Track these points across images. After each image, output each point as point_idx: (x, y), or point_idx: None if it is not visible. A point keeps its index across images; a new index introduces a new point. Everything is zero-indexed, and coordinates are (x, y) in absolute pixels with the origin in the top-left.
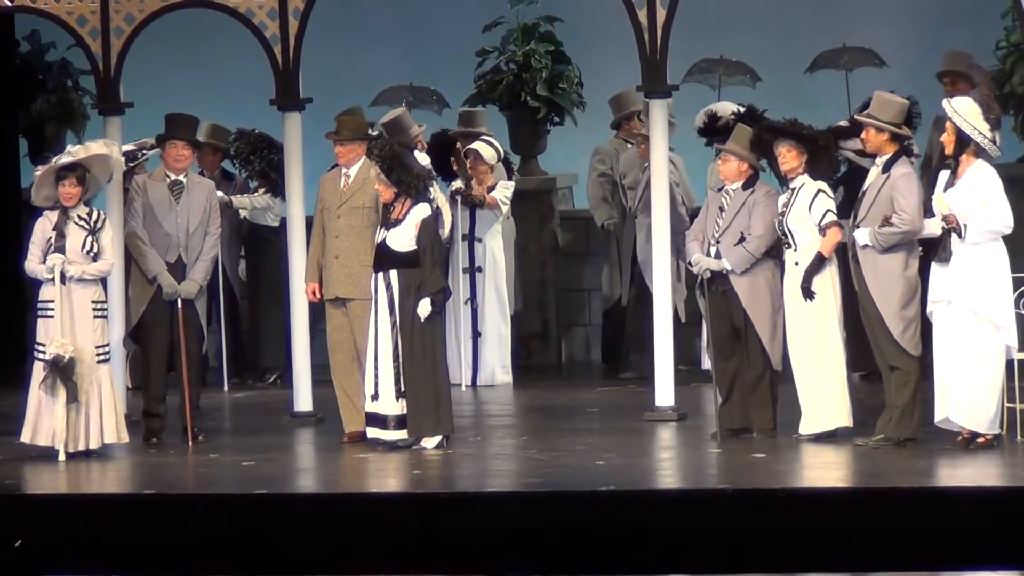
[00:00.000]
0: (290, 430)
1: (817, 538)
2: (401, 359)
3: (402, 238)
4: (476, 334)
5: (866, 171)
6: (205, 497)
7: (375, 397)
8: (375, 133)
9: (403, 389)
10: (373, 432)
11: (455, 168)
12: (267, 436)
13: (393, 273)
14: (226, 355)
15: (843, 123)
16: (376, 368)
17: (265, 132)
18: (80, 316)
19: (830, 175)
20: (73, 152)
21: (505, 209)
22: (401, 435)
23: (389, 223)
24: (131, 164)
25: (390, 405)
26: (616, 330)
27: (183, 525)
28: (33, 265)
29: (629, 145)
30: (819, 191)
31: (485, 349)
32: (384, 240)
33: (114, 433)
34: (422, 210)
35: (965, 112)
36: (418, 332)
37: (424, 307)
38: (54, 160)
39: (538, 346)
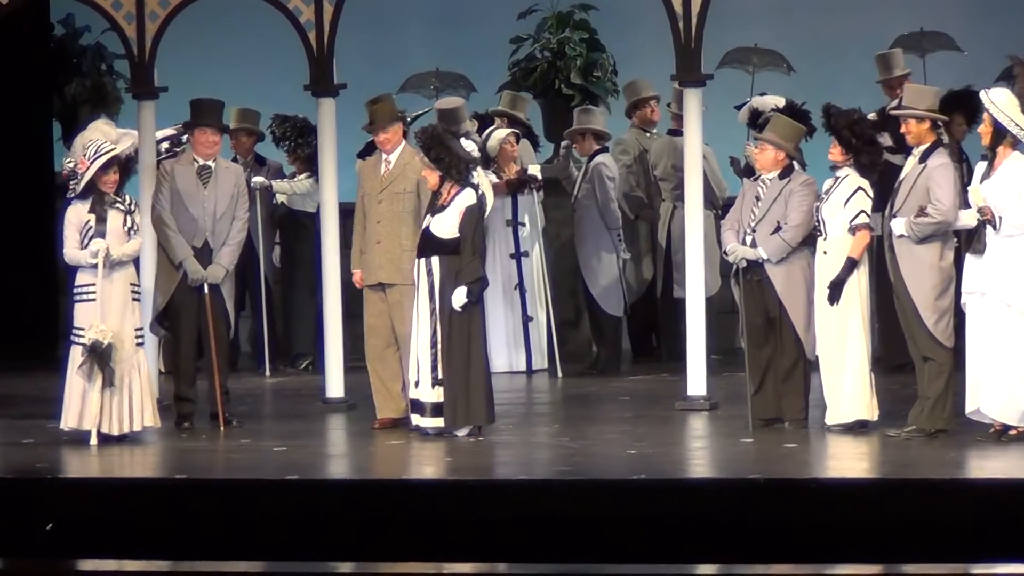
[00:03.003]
0: (322, 416)
1: (848, 529)
2: (439, 346)
3: (446, 225)
4: (527, 319)
5: (897, 167)
6: (236, 482)
7: (417, 384)
8: (420, 114)
9: (440, 377)
10: (415, 419)
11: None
12: (299, 422)
13: (435, 260)
14: (267, 341)
15: (872, 116)
16: (418, 355)
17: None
18: (119, 300)
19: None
20: (93, 136)
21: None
22: (438, 422)
23: (435, 209)
24: (176, 149)
25: (427, 392)
26: (646, 320)
27: (214, 510)
28: (74, 252)
29: (647, 134)
30: (859, 188)
31: (536, 334)
32: (428, 226)
33: (152, 417)
34: (467, 197)
35: (1002, 104)
36: (456, 320)
37: (459, 296)
38: (90, 151)
39: (570, 333)
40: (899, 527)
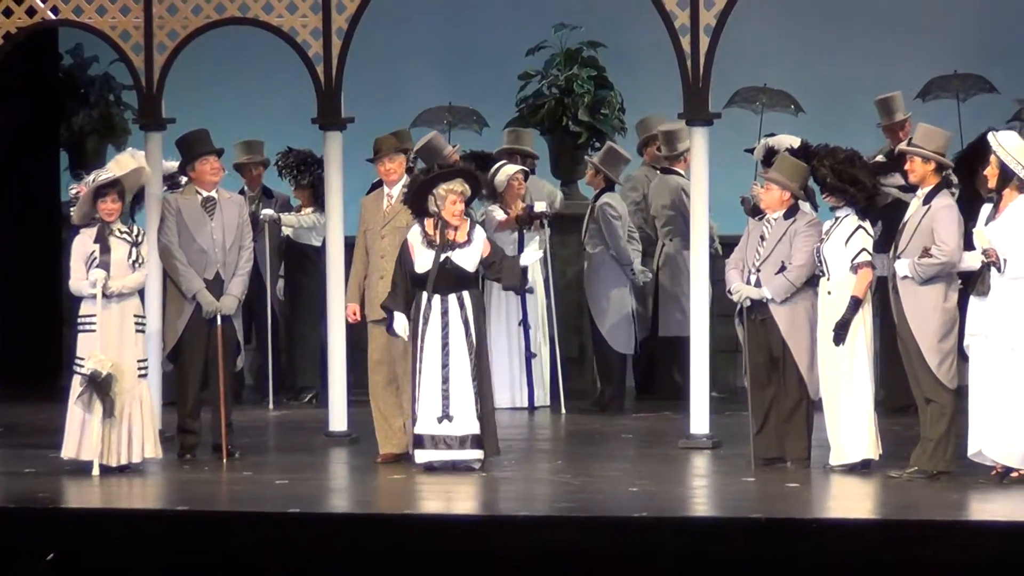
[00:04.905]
0: (325, 449)
1: (849, 569)
2: (475, 380)
3: (472, 259)
4: (530, 355)
5: (906, 205)
6: (238, 515)
7: (450, 418)
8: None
9: (479, 410)
10: (446, 454)
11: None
12: (301, 455)
13: (466, 294)
14: (271, 373)
15: (880, 158)
16: (448, 390)
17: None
18: (122, 331)
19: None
20: (108, 168)
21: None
22: (478, 454)
23: (454, 245)
24: (178, 189)
25: (471, 424)
26: (650, 358)
27: (215, 542)
28: (78, 284)
29: (657, 171)
30: (859, 227)
31: (539, 370)
32: (452, 261)
33: (152, 448)
34: (481, 230)
35: (1010, 147)
36: (483, 354)
37: (531, 253)
38: (91, 177)
39: (574, 371)
40: (900, 568)
